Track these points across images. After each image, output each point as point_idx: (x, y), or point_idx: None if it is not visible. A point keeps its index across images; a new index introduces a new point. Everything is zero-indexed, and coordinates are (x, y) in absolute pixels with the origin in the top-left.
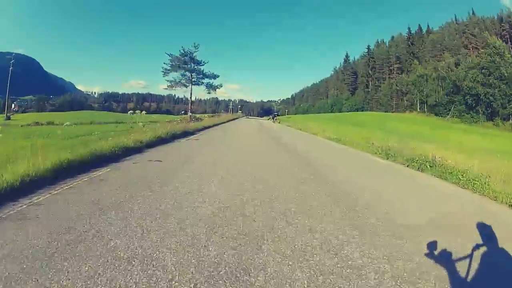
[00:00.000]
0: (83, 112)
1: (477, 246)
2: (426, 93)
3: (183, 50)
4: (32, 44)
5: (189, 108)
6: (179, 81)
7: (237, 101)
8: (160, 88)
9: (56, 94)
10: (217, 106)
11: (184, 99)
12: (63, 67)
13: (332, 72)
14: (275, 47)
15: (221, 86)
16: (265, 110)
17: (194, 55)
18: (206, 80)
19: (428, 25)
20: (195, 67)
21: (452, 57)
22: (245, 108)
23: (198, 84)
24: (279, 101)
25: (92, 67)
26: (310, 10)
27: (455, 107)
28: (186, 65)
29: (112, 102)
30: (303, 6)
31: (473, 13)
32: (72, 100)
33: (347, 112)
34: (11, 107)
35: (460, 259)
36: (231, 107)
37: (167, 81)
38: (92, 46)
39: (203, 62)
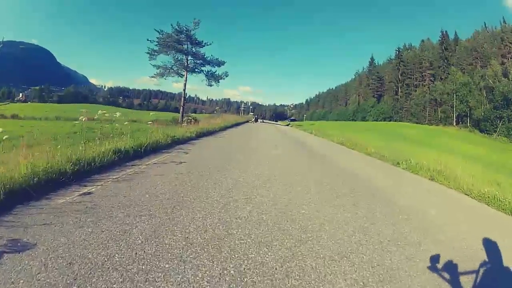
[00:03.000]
0: (79, 105)
1: None
2: (471, 105)
3: (178, 26)
4: (46, 35)
5: (182, 104)
6: (170, 67)
7: (249, 103)
8: (173, 86)
9: (66, 86)
10: (228, 107)
11: (195, 98)
12: (77, 60)
13: (354, 77)
14: (290, 52)
15: (227, 76)
16: (278, 114)
17: (192, 33)
18: (207, 68)
19: (455, 32)
20: (193, 49)
21: (501, 65)
22: (257, 111)
23: (195, 72)
24: (292, 106)
25: (106, 61)
26: (326, 17)
27: (503, 124)
28: (180, 45)
29: (119, 97)
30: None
31: (504, 21)
32: (76, 92)
33: (375, 121)
34: (19, 95)
35: None
36: (242, 108)
37: (154, 66)
38: (108, 40)
39: (205, 43)
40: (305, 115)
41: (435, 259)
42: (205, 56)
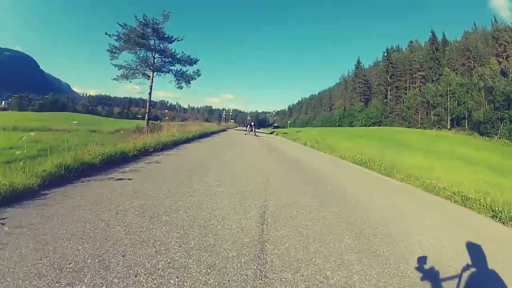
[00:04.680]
0: (54, 114)
1: None
2: (469, 107)
3: (144, 19)
4: (30, 42)
5: (147, 111)
6: (135, 68)
7: (231, 111)
8: (155, 94)
9: (48, 94)
10: (210, 115)
11: (176, 106)
12: (60, 68)
13: (339, 81)
14: (272, 59)
15: (199, 75)
16: (260, 121)
17: (160, 26)
18: (176, 67)
19: (443, 34)
20: (161, 45)
21: (500, 64)
22: (239, 118)
23: (162, 72)
24: (274, 113)
25: (89, 69)
26: (306, 23)
27: (505, 126)
28: (145, 40)
29: (99, 106)
30: (299, 18)
31: (495, 21)
32: (55, 101)
33: (363, 126)
34: (1, 103)
35: None
36: (224, 116)
37: (116, 66)
38: (91, 48)
39: (175, 38)
40: (289, 122)
41: None
42: (174, 53)
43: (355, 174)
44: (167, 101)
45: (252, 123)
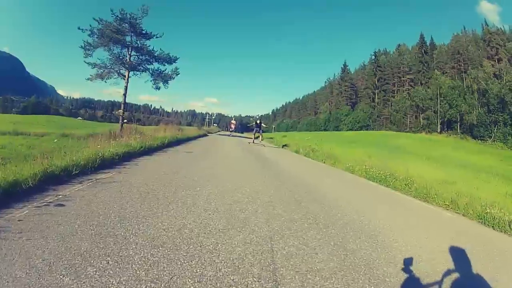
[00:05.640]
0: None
1: None
2: (462, 110)
3: (121, 13)
4: (16, 43)
5: (121, 114)
6: (109, 66)
7: (214, 115)
8: (139, 98)
9: (31, 96)
10: (193, 119)
11: (160, 109)
12: (46, 70)
13: (324, 84)
14: (256, 64)
15: (177, 74)
16: (243, 125)
17: (138, 22)
18: (154, 65)
19: (431, 37)
20: (138, 41)
21: (493, 66)
22: (222, 122)
23: (139, 70)
24: (257, 116)
25: (75, 72)
26: (291, 27)
27: (499, 129)
28: (120, 35)
29: (82, 109)
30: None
31: (486, 24)
32: (38, 103)
33: (350, 130)
34: None
35: None
36: (207, 120)
37: (90, 65)
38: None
39: (153, 35)
40: (273, 126)
41: None
42: (153, 51)
43: (390, 204)
44: (151, 105)
45: (258, 121)
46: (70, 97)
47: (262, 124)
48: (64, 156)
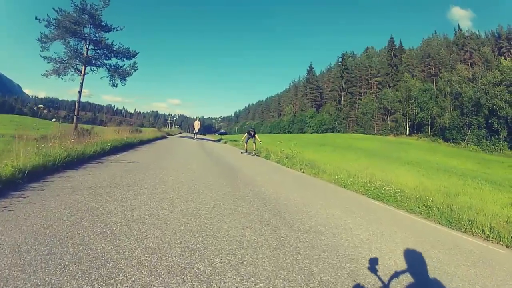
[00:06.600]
0: None
1: None
2: (434, 113)
3: (82, 3)
4: None
5: (76, 113)
6: (66, 61)
7: (177, 116)
8: (102, 98)
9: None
10: (156, 120)
11: (123, 110)
12: (12, 67)
13: (289, 86)
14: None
15: (136, 70)
16: (206, 127)
17: (98, 13)
18: (112, 60)
19: (400, 41)
20: (97, 34)
21: (468, 70)
22: (185, 124)
23: (95, 65)
24: (220, 118)
25: (41, 70)
26: (254, 30)
27: (472, 131)
28: (78, 27)
29: (46, 108)
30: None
31: (459, 28)
32: (4, 102)
33: (315, 133)
34: None
35: None
36: (169, 121)
37: (45, 59)
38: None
39: (114, 27)
40: (236, 128)
41: None
42: (112, 44)
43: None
44: (114, 105)
45: (252, 131)
46: (35, 97)
47: (256, 136)
48: None
